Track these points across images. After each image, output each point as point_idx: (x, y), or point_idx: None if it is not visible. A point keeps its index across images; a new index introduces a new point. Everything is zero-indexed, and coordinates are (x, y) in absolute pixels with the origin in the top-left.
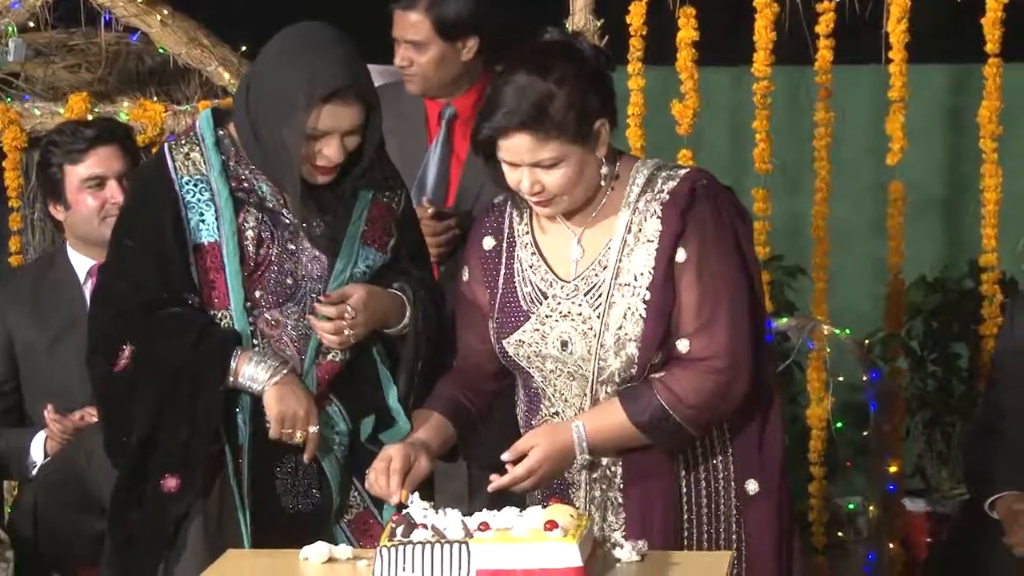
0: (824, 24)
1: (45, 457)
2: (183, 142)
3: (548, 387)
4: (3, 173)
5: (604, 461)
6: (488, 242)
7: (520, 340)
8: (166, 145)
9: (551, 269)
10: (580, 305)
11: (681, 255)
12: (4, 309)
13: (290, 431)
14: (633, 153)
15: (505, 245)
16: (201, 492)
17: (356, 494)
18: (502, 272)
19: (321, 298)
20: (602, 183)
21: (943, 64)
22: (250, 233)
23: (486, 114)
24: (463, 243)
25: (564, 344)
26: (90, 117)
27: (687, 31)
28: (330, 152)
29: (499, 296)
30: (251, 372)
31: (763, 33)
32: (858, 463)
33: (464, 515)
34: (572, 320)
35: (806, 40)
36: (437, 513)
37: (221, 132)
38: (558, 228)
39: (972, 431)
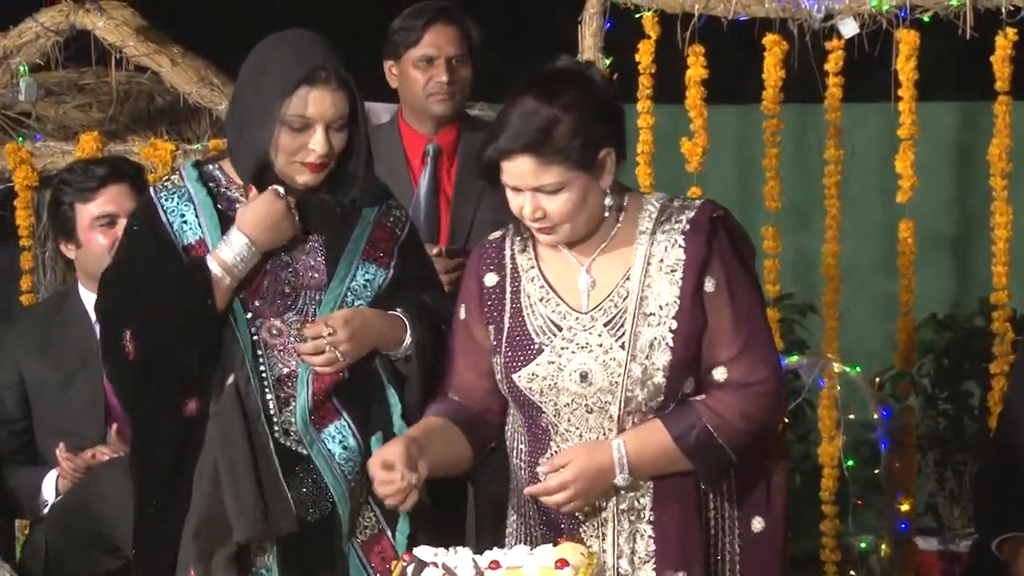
0: (833, 62)
1: (57, 495)
2: (164, 179)
3: (561, 423)
4: (15, 212)
5: (631, 492)
6: (491, 279)
7: (533, 373)
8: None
9: (563, 300)
10: (600, 336)
11: (710, 285)
12: (15, 348)
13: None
14: (642, 190)
15: (509, 280)
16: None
17: (372, 515)
18: (508, 307)
19: (306, 325)
20: (606, 214)
21: (952, 102)
22: None
23: (491, 137)
24: None
25: (584, 376)
26: (101, 156)
27: (696, 69)
28: (316, 144)
29: (506, 331)
30: (226, 251)
31: (772, 71)
32: (870, 501)
33: (474, 553)
34: (591, 351)
35: (815, 78)
36: (448, 552)
37: (210, 167)
38: (563, 259)
39: (982, 470)
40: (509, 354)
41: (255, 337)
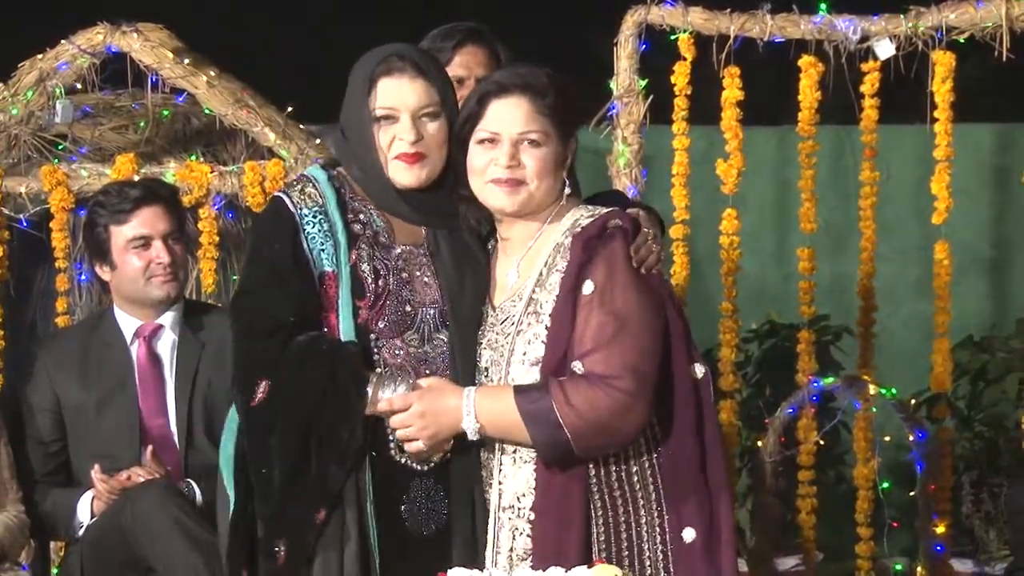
0: (869, 84)
1: (92, 517)
2: (295, 184)
3: None
4: (51, 234)
5: (512, 490)
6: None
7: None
8: (279, 191)
9: (491, 298)
10: (498, 334)
11: (588, 287)
12: (52, 370)
13: None
14: (678, 212)
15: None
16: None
17: None
18: None
19: None
20: (563, 201)
21: (988, 123)
22: (366, 267)
23: (487, 80)
24: None
25: (486, 370)
26: (137, 178)
27: (732, 91)
28: (401, 131)
29: None
30: (388, 391)
31: (808, 92)
32: (905, 523)
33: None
34: (492, 349)
35: (851, 100)
36: (483, 574)
37: (333, 172)
38: (504, 259)
39: (1017, 492)
40: None
41: (376, 356)
